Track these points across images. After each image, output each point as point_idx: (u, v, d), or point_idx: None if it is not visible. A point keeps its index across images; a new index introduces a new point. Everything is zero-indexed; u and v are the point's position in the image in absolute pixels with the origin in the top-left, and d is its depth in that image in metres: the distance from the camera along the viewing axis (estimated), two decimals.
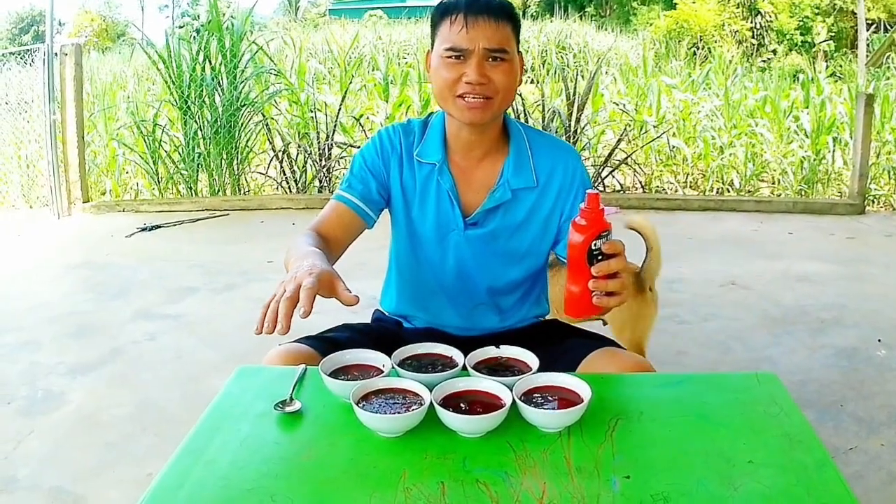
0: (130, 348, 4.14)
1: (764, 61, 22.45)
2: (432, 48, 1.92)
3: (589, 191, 1.48)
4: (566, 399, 1.45)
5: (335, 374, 1.56)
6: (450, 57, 1.84)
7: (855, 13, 22.50)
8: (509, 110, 2.05)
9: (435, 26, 1.91)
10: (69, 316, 4.61)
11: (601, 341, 1.94)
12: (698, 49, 20.44)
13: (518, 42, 1.92)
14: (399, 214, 2.04)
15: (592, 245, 1.48)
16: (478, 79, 1.82)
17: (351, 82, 9.72)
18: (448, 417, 1.37)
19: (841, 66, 17.44)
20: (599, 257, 1.49)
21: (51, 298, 4.95)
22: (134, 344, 4.20)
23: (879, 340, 4.07)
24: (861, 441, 3.05)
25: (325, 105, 8.48)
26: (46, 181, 7.72)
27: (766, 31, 26.44)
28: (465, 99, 1.85)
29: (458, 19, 1.83)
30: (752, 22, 26.52)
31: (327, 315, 1.95)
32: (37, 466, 2.96)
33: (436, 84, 1.90)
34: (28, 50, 8.02)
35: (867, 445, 3.01)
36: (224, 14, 8.64)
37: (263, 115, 8.14)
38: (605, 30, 24.01)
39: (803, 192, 8.35)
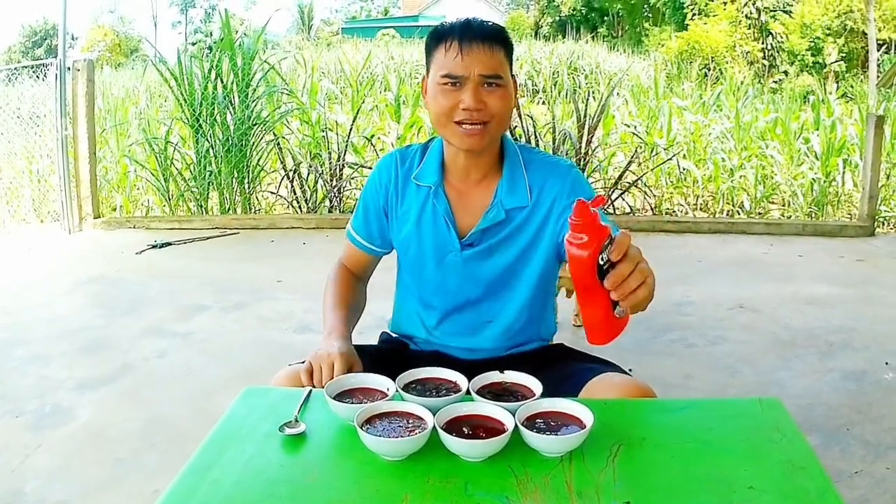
0: (140, 364, 4.16)
1: (775, 82, 22.52)
2: (428, 74, 1.95)
3: (578, 199, 1.32)
4: (568, 424, 1.46)
5: (340, 396, 1.58)
6: (446, 84, 1.86)
7: (865, 34, 22.52)
8: (508, 132, 2.06)
9: (430, 53, 1.93)
10: (79, 331, 4.63)
11: (604, 366, 1.94)
12: (710, 70, 20.50)
13: (511, 66, 1.94)
14: (400, 239, 2.08)
15: (600, 259, 1.33)
16: (474, 105, 1.84)
17: (363, 102, 9.76)
18: (451, 441, 1.38)
19: (852, 86, 17.46)
20: (608, 268, 1.34)
21: (61, 313, 4.98)
22: (144, 360, 4.22)
23: (887, 363, 4.06)
24: (867, 465, 3.03)
25: (337, 125, 8.52)
26: (58, 196, 7.77)
27: (777, 51, 26.51)
28: (463, 126, 1.87)
29: (452, 46, 1.85)
30: (763, 43, 26.60)
31: None
32: (44, 480, 2.97)
33: (432, 111, 1.92)
34: (41, 64, 8.08)
35: (873, 469, 3.00)
36: (236, 32, 8.69)
37: (275, 135, 8.17)
38: (617, 51, 24.12)
39: (813, 215, 8.35)
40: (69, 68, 7.56)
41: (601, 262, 1.32)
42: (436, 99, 1.89)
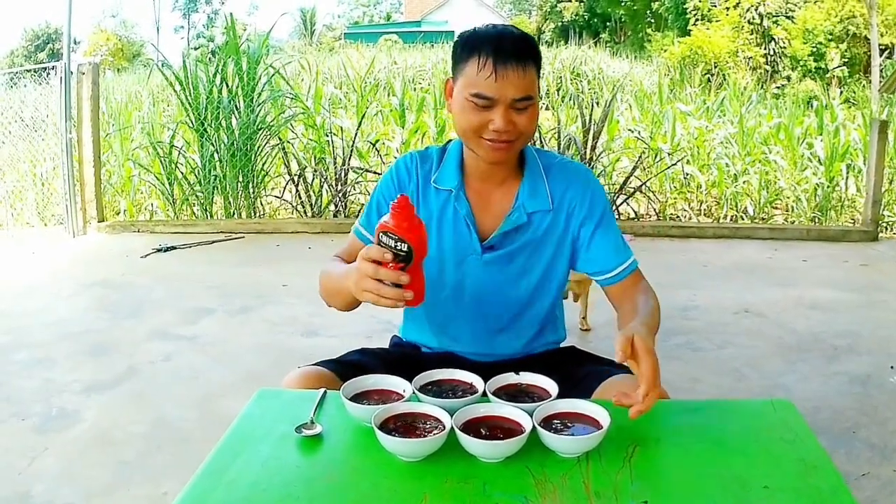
0: (146, 367, 4.16)
1: (778, 87, 22.51)
2: (454, 79, 1.91)
3: (401, 195, 1.50)
4: (585, 425, 1.46)
5: (356, 398, 1.57)
6: (476, 103, 1.83)
7: (868, 39, 22.56)
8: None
9: (458, 61, 1.89)
10: (84, 334, 4.64)
11: (618, 368, 1.93)
12: (713, 76, 20.49)
13: (539, 75, 1.90)
14: None
15: (381, 236, 1.50)
16: (504, 127, 1.81)
17: (368, 107, 9.76)
18: (469, 442, 1.38)
19: (854, 92, 17.47)
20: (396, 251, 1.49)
21: (66, 316, 4.99)
22: (149, 363, 4.22)
23: (892, 367, 4.06)
24: (874, 467, 3.04)
25: (342, 129, 8.53)
26: (62, 200, 7.77)
27: (780, 57, 26.51)
28: (491, 142, 1.86)
29: (486, 65, 1.79)
30: (766, 48, 26.59)
31: (344, 339, 1.97)
32: (51, 483, 2.97)
33: (459, 123, 1.89)
34: (44, 68, 8.08)
35: (880, 471, 3.01)
36: (241, 37, 8.69)
37: (280, 139, 8.18)
38: (620, 56, 24.12)
39: (817, 220, 8.36)
40: (73, 72, 7.56)
41: (381, 240, 1.50)
42: (464, 113, 1.85)
